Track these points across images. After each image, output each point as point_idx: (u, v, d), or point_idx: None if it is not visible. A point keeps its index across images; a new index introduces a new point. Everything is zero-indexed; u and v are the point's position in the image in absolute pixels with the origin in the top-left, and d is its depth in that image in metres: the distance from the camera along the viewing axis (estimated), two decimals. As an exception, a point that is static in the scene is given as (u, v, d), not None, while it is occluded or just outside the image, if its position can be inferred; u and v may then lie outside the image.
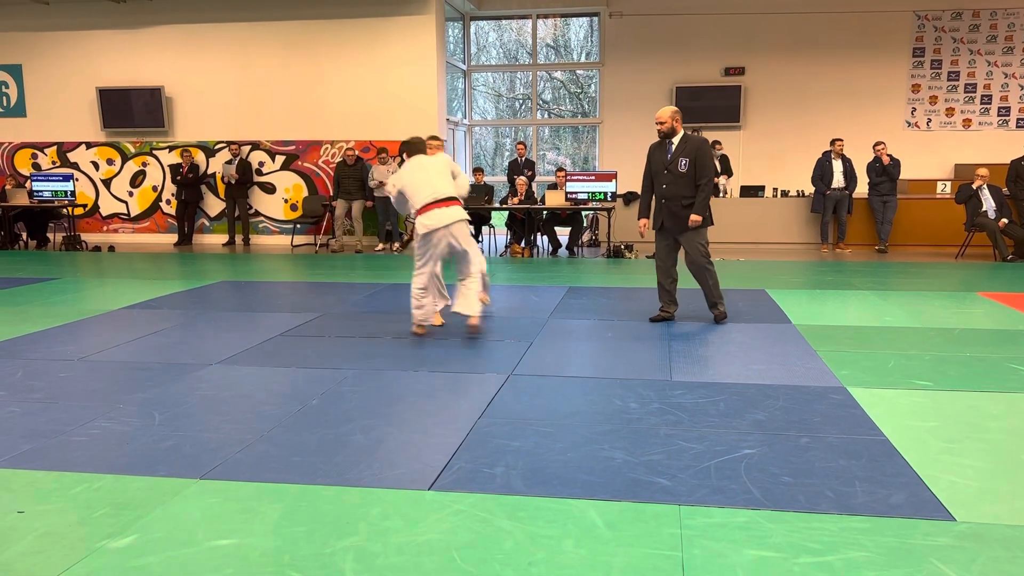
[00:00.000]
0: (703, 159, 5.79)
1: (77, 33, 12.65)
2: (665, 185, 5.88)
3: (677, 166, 5.82)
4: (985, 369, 4.70)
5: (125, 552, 2.56)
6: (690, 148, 5.81)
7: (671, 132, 5.85)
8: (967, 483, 3.06)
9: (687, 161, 5.80)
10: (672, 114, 5.86)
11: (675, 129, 5.86)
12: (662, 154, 5.91)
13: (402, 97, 11.97)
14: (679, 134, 5.89)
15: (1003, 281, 8.13)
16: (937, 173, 12.80)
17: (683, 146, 5.83)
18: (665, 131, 5.85)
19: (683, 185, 5.82)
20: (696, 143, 5.84)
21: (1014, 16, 12.53)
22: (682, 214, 5.86)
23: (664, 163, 5.88)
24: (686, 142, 5.84)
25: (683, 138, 5.87)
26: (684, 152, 5.81)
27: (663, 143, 5.91)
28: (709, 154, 5.84)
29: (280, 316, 6.43)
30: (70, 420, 3.87)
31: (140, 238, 13.05)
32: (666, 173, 5.87)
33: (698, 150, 5.80)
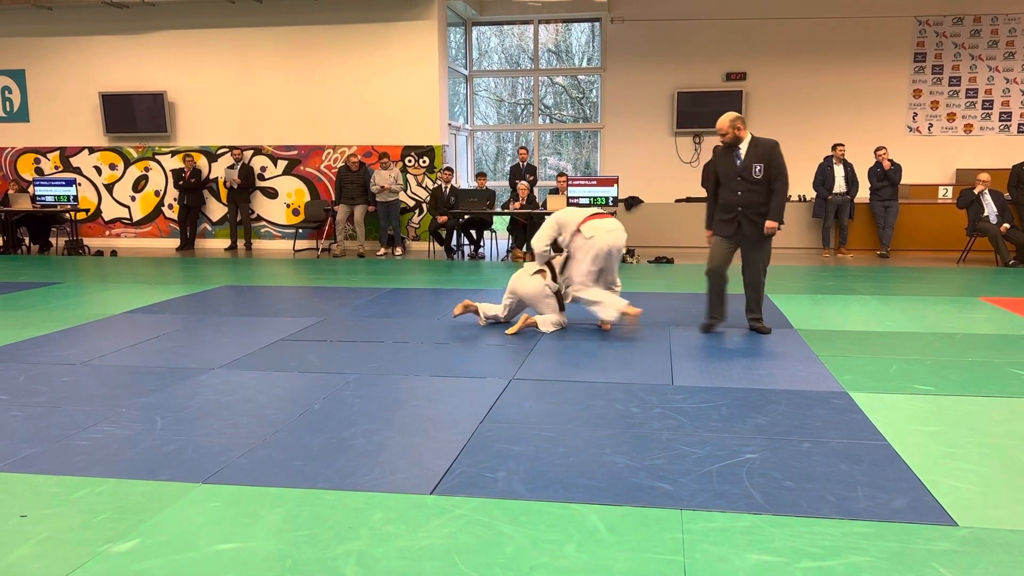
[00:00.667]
0: (777, 163, 5.56)
1: (80, 38, 12.69)
2: (740, 193, 5.64)
3: (751, 172, 5.58)
4: (987, 374, 4.70)
5: (127, 556, 2.57)
6: (762, 152, 5.57)
7: (735, 140, 5.62)
8: (969, 488, 3.05)
9: (761, 167, 5.56)
10: (731, 122, 5.59)
11: (739, 136, 5.61)
12: (730, 161, 5.67)
13: (404, 102, 11.99)
14: (746, 139, 5.63)
15: (1005, 286, 8.13)
16: (938, 178, 12.81)
17: (753, 151, 5.59)
18: (729, 140, 5.63)
19: (760, 192, 5.60)
20: (768, 147, 5.58)
21: (1015, 21, 12.55)
22: (760, 222, 5.65)
23: (735, 171, 5.64)
24: (756, 146, 5.60)
25: (752, 143, 5.61)
26: (756, 157, 5.57)
27: (730, 150, 5.68)
28: (782, 157, 5.59)
29: (282, 320, 6.43)
30: (72, 424, 3.88)
31: (142, 242, 13.07)
32: (739, 180, 5.63)
33: (770, 154, 5.56)
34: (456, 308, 6.27)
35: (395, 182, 11.44)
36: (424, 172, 12.20)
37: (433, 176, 12.11)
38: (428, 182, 12.18)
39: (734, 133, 5.59)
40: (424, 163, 12.16)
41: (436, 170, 12.06)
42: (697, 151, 13.48)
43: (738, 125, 5.59)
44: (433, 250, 11.77)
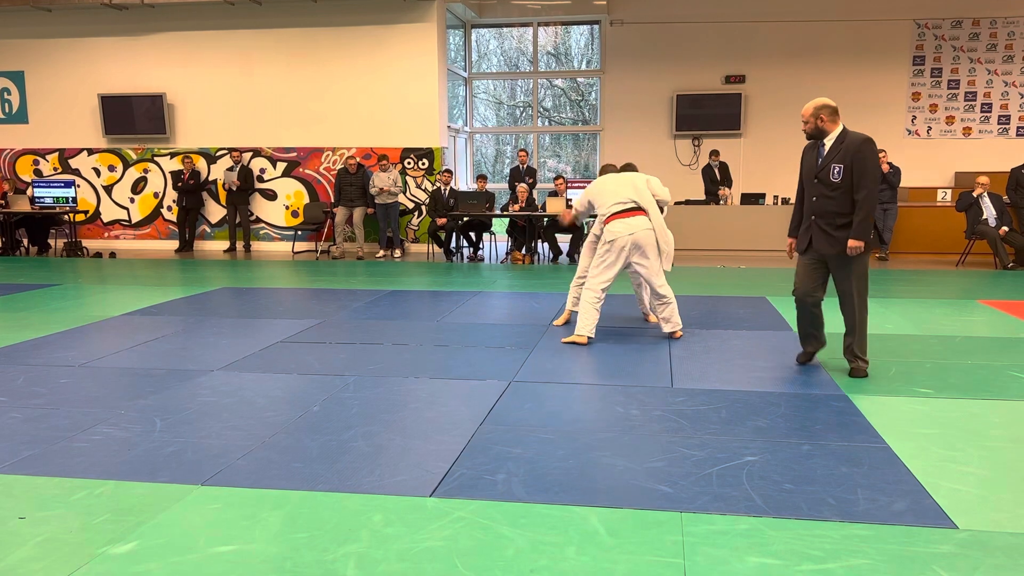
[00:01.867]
0: (862, 164, 4.49)
1: (79, 40, 12.69)
2: (815, 198, 4.68)
3: (829, 174, 4.59)
4: (986, 377, 4.70)
5: (126, 558, 2.56)
6: (846, 150, 4.52)
7: (818, 132, 4.64)
8: (969, 491, 3.05)
9: (841, 168, 4.53)
10: (816, 109, 4.61)
11: (824, 128, 4.62)
12: (812, 158, 4.72)
13: (403, 104, 12.00)
14: (834, 132, 4.62)
15: (1004, 289, 8.13)
16: (937, 181, 12.82)
17: (837, 148, 4.57)
18: (810, 131, 4.67)
19: (839, 199, 4.57)
20: (854, 143, 4.52)
21: (1014, 24, 12.57)
22: (838, 235, 4.60)
23: (814, 170, 4.68)
24: (842, 142, 4.57)
25: (839, 137, 4.59)
26: (838, 156, 4.55)
27: (815, 144, 4.73)
28: (873, 157, 4.53)
29: (281, 322, 6.43)
30: (71, 426, 3.87)
31: (141, 244, 13.06)
32: (816, 183, 4.67)
33: (856, 152, 4.50)
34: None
35: (394, 184, 11.44)
36: (423, 174, 12.20)
37: (432, 178, 12.11)
38: (427, 184, 12.18)
39: (816, 123, 4.62)
40: (423, 165, 12.16)
41: (435, 172, 12.06)
42: (696, 154, 13.49)
43: (822, 115, 4.59)
44: (432, 252, 11.77)
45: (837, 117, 4.61)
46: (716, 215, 11.72)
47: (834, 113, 4.60)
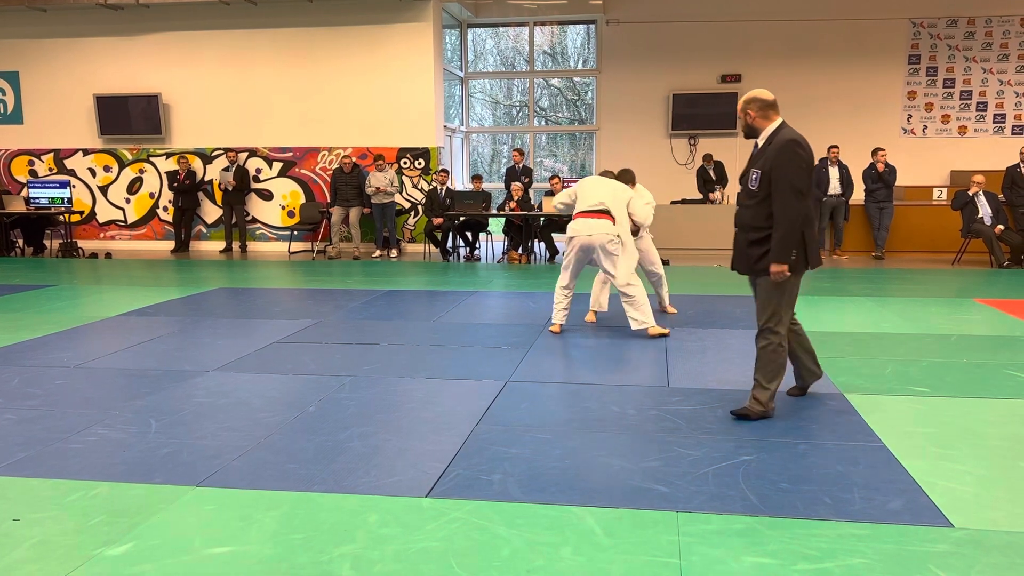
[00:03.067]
0: (778, 170, 3.78)
1: (74, 40, 12.65)
2: (738, 206, 4.09)
3: (748, 180, 3.97)
4: (982, 375, 4.70)
5: (121, 560, 2.55)
6: (769, 153, 3.84)
7: (749, 129, 3.98)
8: (965, 489, 3.06)
9: (759, 174, 3.87)
10: (744, 103, 3.95)
11: (754, 125, 3.94)
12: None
13: (399, 104, 11.98)
14: (766, 130, 3.91)
15: (999, 287, 8.15)
16: (933, 180, 12.83)
17: (764, 149, 3.89)
18: (742, 128, 4.05)
19: (754, 209, 3.91)
20: (777, 145, 3.82)
21: (1008, 23, 12.59)
22: (750, 252, 3.96)
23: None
24: (770, 143, 3.87)
25: (769, 136, 3.89)
26: (761, 159, 3.89)
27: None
28: (791, 163, 3.77)
29: (277, 323, 6.42)
30: (66, 427, 3.86)
31: (137, 245, 13.03)
32: (740, 189, 4.09)
33: (776, 156, 3.80)
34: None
35: (390, 184, 11.43)
36: (419, 174, 12.19)
37: (428, 178, 12.10)
38: (423, 184, 12.17)
39: (744, 120, 3.99)
40: (419, 165, 12.15)
41: (431, 172, 12.05)
42: (692, 153, 13.49)
43: (749, 111, 3.92)
44: (429, 252, 11.76)
45: (770, 112, 3.89)
46: (712, 214, 11.72)
47: (765, 107, 3.89)
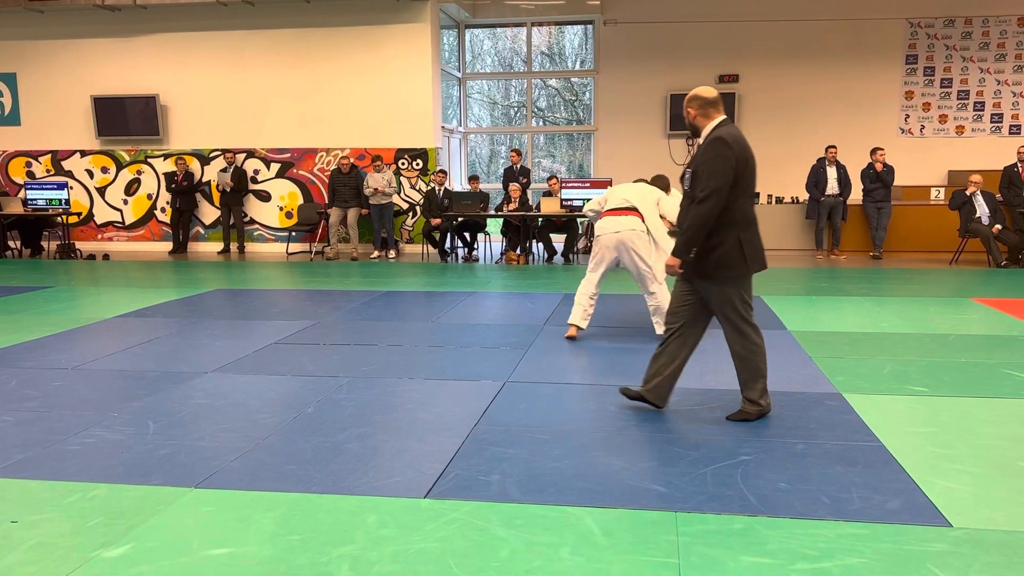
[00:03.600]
0: (702, 167, 3.72)
1: (72, 41, 12.64)
2: (680, 208, 4.03)
3: (684, 180, 3.90)
4: (980, 375, 4.71)
5: (119, 562, 2.55)
6: (699, 153, 3.80)
7: (692, 128, 3.89)
8: (963, 488, 3.06)
9: (690, 173, 3.82)
10: (686, 102, 3.87)
11: (695, 124, 3.85)
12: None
13: (397, 105, 11.98)
14: (706, 129, 3.81)
15: (997, 287, 8.15)
16: (931, 179, 12.85)
17: (699, 150, 3.82)
18: (688, 127, 3.93)
19: (688, 210, 3.83)
20: (706, 142, 3.77)
21: (1006, 23, 12.60)
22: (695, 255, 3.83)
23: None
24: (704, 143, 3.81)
25: (707, 136, 3.80)
26: (694, 160, 3.83)
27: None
28: (712, 160, 3.68)
29: (275, 324, 6.41)
30: (64, 429, 3.85)
31: (135, 246, 13.02)
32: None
33: (702, 154, 3.76)
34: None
35: (388, 185, 11.42)
36: (417, 175, 12.19)
37: (426, 179, 12.10)
38: (421, 185, 12.17)
39: (688, 119, 3.89)
40: (417, 166, 12.15)
41: (429, 173, 12.05)
42: (690, 153, 13.48)
43: (690, 109, 3.84)
44: (427, 253, 11.75)
45: (711, 111, 3.79)
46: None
47: (705, 105, 3.79)
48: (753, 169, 3.78)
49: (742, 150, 3.72)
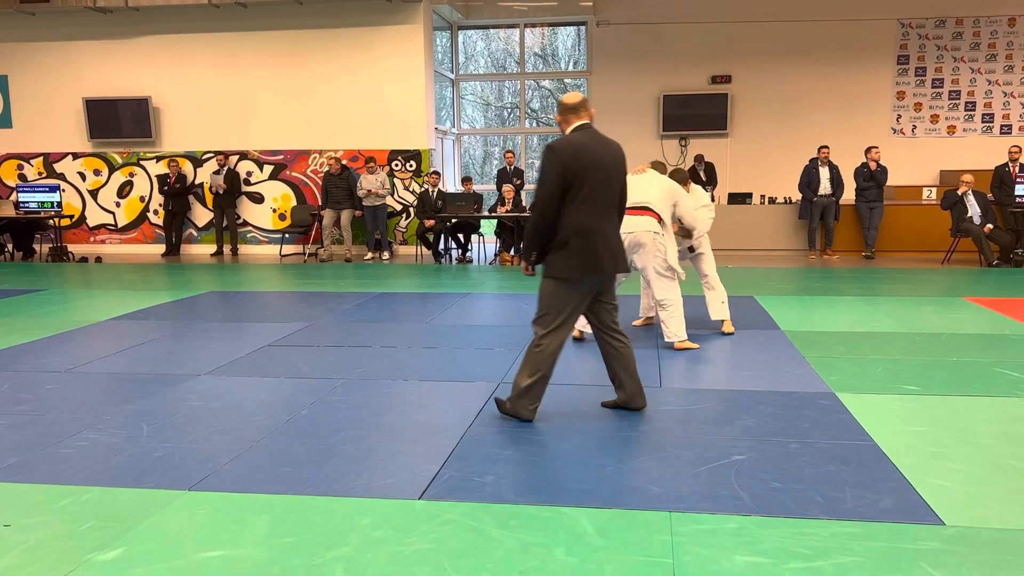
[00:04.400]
0: (539, 175, 3.76)
1: (63, 43, 12.61)
2: None
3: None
4: (972, 373, 4.73)
5: (113, 565, 2.54)
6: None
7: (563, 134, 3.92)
8: (955, 487, 3.07)
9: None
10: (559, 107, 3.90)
11: (562, 130, 3.90)
12: None
13: (390, 106, 11.98)
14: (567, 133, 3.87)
15: (989, 286, 8.19)
16: (923, 179, 12.90)
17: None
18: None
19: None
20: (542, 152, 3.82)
21: (996, 24, 12.66)
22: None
23: None
24: None
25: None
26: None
27: None
28: (543, 166, 3.72)
29: (269, 326, 6.40)
30: (57, 432, 3.84)
31: (127, 249, 12.98)
32: None
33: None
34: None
35: (382, 186, 11.42)
36: (411, 176, 12.18)
37: (420, 180, 12.10)
38: (415, 186, 12.16)
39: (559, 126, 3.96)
40: (411, 167, 12.14)
41: (423, 174, 12.05)
42: (683, 154, 13.52)
43: (558, 116, 3.92)
44: (420, 254, 11.75)
45: (571, 116, 3.84)
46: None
47: (566, 111, 3.85)
48: (593, 176, 3.71)
49: (574, 157, 3.69)
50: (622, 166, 3.86)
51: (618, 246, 3.86)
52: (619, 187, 3.86)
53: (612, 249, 3.81)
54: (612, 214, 3.86)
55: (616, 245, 3.84)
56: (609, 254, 3.79)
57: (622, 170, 3.87)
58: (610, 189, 3.79)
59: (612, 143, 3.86)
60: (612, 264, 3.81)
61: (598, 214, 3.77)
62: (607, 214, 3.82)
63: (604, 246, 3.77)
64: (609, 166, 3.78)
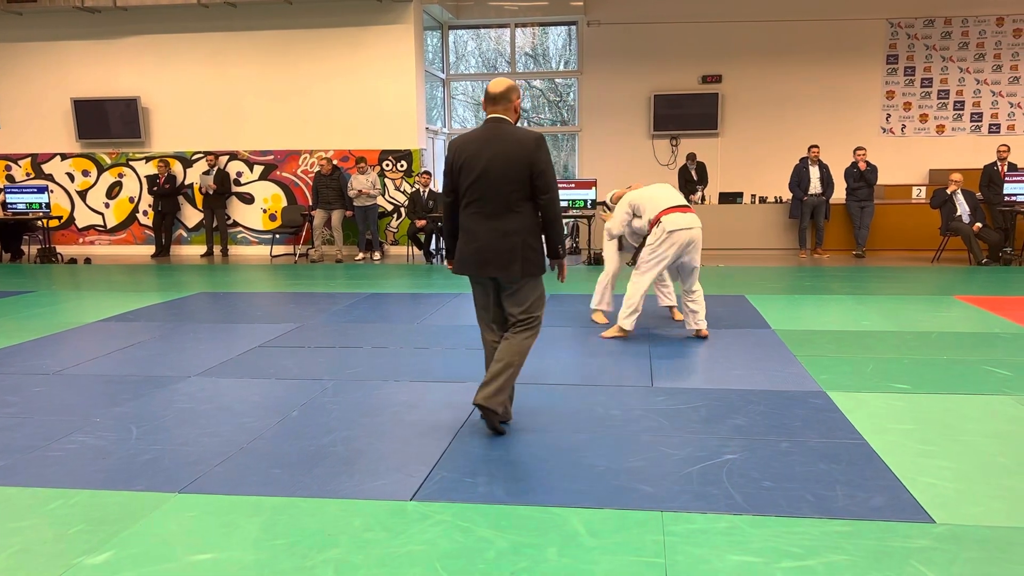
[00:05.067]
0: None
1: (51, 43, 12.53)
2: None
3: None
4: (962, 372, 4.75)
5: (102, 569, 2.53)
6: None
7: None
8: (945, 485, 3.08)
9: None
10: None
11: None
12: None
13: (381, 106, 11.95)
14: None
15: (978, 284, 8.23)
16: (912, 178, 12.95)
17: None
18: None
19: None
20: None
21: (984, 23, 12.72)
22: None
23: None
24: None
25: None
26: None
27: None
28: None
29: (259, 327, 6.38)
30: (46, 435, 3.82)
31: (117, 250, 12.92)
32: None
33: None
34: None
35: (372, 186, 11.40)
36: (402, 176, 12.16)
37: (411, 180, 12.08)
38: (406, 186, 12.14)
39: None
40: (402, 167, 12.12)
41: (414, 174, 12.03)
42: (674, 154, 13.55)
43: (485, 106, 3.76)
44: (412, 254, 11.73)
45: (487, 107, 3.71)
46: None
47: (484, 103, 3.72)
48: (474, 175, 3.60)
49: (456, 155, 3.66)
50: (517, 162, 3.55)
51: (495, 247, 3.60)
52: (511, 187, 3.56)
53: (481, 250, 3.62)
54: (503, 213, 3.60)
55: (493, 246, 3.60)
56: (476, 255, 3.63)
57: (516, 167, 3.55)
58: (498, 189, 3.57)
59: (515, 138, 3.58)
60: (476, 267, 3.65)
61: (478, 214, 3.63)
62: (496, 213, 3.60)
63: (474, 248, 3.64)
64: (497, 163, 3.55)
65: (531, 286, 3.72)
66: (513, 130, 3.63)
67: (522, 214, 3.62)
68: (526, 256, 3.62)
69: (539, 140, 3.58)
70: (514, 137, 3.59)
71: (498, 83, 3.67)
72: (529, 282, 3.70)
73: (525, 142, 3.56)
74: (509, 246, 3.60)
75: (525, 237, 3.62)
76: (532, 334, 3.76)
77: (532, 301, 3.73)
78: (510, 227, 3.61)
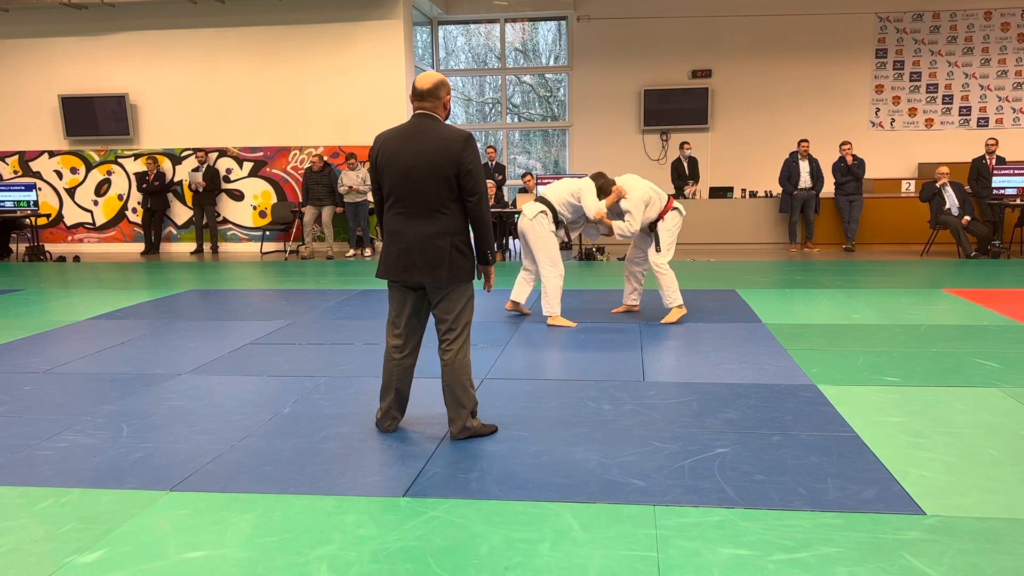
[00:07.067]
0: None
1: (38, 40, 12.44)
2: None
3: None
4: (951, 364, 4.77)
5: (93, 567, 2.52)
6: None
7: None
8: (935, 477, 3.10)
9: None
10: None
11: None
12: None
13: (370, 102, 11.92)
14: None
15: (967, 277, 8.27)
16: (901, 172, 13.01)
17: None
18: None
19: None
20: None
21: (973, 17, 12.78)
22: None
23: None
24: None
25: None
26: None
27: None
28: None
29: (250, 324, 6.36)
30: (36, 434, 3.80)
31: (106, 247, 12.85)
32: None
33: None
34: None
35: (363, 183, 11.37)
36: (392, 172, 12.12)
37: (401, 176, 12.04)
38: (396, 182, 12.10)
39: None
40: (392, 163, 12.08)
41: (404, 170, 11.99)
42: (664, 148, 13.56)
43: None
44: (403, 250, 11.69)
45: (414, 102, 3.52)
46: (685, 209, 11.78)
47: (413, 97, 3.51)
48: (394, 175, 3.45)
49: (377, 152, 3.51)
50: (443, 160, 3.36)
51: (421, 249, 3.42)
52: (436, 186, 3.38)
53: (407, 252, 3.44)
54: (427, 214, 3.42)
55: (419, 248, 3.42)
56: (401, 258, 3.46)
57: (441, 166, 3.37)
58: (421, 188, 3.40)
59: (440, 136, 3.40)
60: (400, 271, 3.47)
61: (402, 214, 3.46)
62: (420, 214, 3.43)
63: (398, 250, 3.47)
64: (420, 161, 3.39)
65: (459, 292, 3.52)
66: (440, 127, 3.43)
67: (450, 215, 3.43)
68: (453, 260, 3.43)
69: (468, 139, 3.39)
70: (439, 135, 3.39)
71: (426, 77, 3.47)
72: (457, 287, 3.51)
73: (451, 140, 3.38)
74: (436, 249, 3.42)
75: (453, 239, 3.43)
76: (464, 349, 3.57)
77: (460, 309, 3.54)
78: (437, 229, 3.43)
